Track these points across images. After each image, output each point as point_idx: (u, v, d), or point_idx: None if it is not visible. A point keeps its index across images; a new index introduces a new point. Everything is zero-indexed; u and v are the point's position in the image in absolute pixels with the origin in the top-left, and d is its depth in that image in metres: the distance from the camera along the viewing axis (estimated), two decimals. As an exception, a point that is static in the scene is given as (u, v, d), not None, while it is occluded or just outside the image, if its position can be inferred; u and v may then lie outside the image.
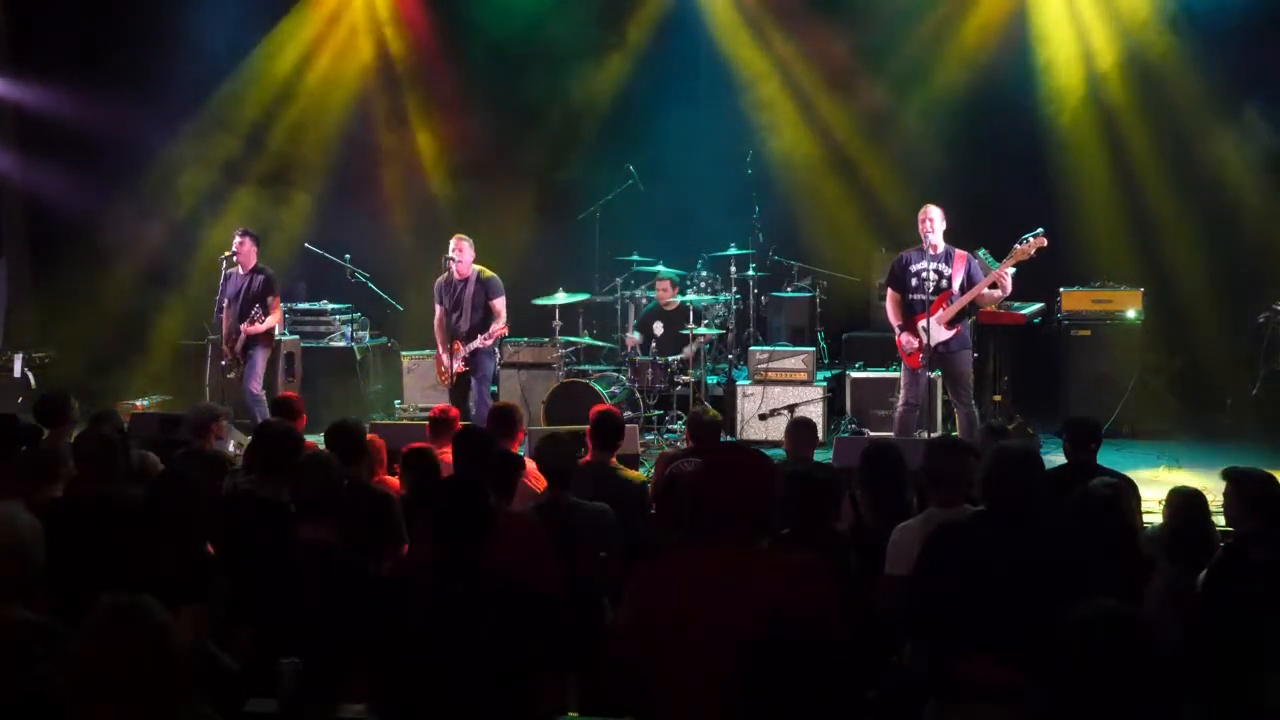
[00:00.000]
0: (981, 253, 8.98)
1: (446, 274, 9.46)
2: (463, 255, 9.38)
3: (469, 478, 4.33)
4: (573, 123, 12.01)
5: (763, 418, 10.22)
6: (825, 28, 11.64)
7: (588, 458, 6.02)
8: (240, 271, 9.75)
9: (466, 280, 9.42)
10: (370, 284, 11.36)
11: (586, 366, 10.71)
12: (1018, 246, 8.45)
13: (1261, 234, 10.71)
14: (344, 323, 11.62)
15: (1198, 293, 10.78)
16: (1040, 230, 8.47)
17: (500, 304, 9.41)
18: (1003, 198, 10.43)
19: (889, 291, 8.83)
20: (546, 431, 5.54)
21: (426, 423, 7.02)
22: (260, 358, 9.74)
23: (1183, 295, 10.74)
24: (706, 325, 10.51)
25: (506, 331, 9.50)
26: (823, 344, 11.32)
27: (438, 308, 9.54)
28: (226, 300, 9.74)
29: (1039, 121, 11.02)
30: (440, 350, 9.52)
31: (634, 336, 10.73)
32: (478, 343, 9.29)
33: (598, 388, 9.92)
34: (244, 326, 9.58)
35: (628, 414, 9.89)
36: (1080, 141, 11.00)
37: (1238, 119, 10.70)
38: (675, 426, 9.97)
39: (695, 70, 11.96)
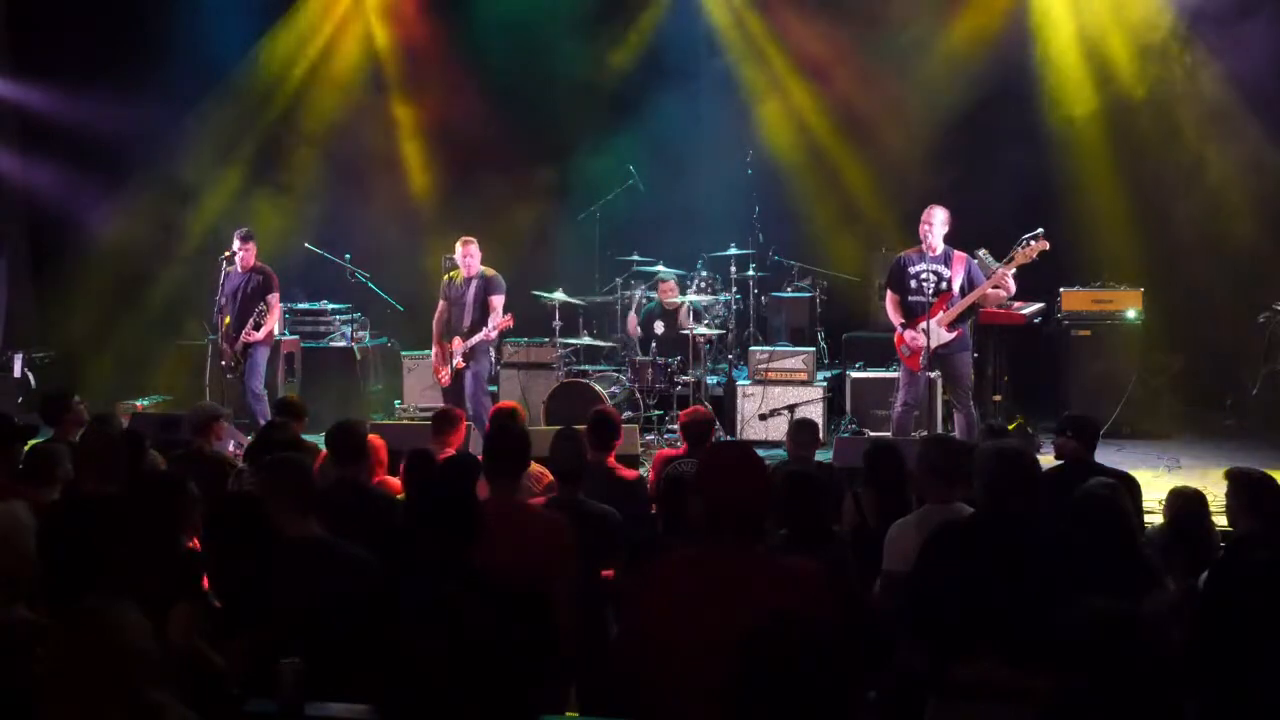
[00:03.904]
0: (981, 252, 8.98)
1: (450, 275, 9.49)
2: (470, 258, 9.40)
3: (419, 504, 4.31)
4: (573, 122, 12.01)
5: (763, 418, 10.22)
6: (827, 25, 11.64)
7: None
8: (239, 271, 9.76)
9: (472, 279, 9.43)
10: (370, 284, 11.37)
11: (586, 366, 10.71)
12: (1019, 249, 8.43)
13: (1261, 234, 10.72)
14: (344, 323, 11.62)
15: (1198, 293, 10.78)
16: (1040, 231, 8.45)
17: (498, 301, 9.41)
18: (1003, 197, 10.43)
19: (888, 293, 8.84)
20: (560, 429, 5.53)
21: (429, 422, 7.00)
22: (261, 357, 9.75)
23: (1183, 295, 10.74)
24: (706, 325, 10.52)
25: (511, 323, 9.48)
26: (823, 344, 11.32)
27: (441, 302, 9.56)
28: (225, 299, 9.75)
29: (1040, 120, 11.01)
30: (435, 342, 9.54)
31: (635, 322, 10.74)
32: (480, 336, 9.29)
33: (598, 388, 9.92)
34: (243, 335, 9.60)
35: (627, 414, 9.89)
36: (1081, 141, 11.00)
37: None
38: (675, 426, 9.96)
39: (696, 70, 11.96)
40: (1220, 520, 5.09)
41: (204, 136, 12.31)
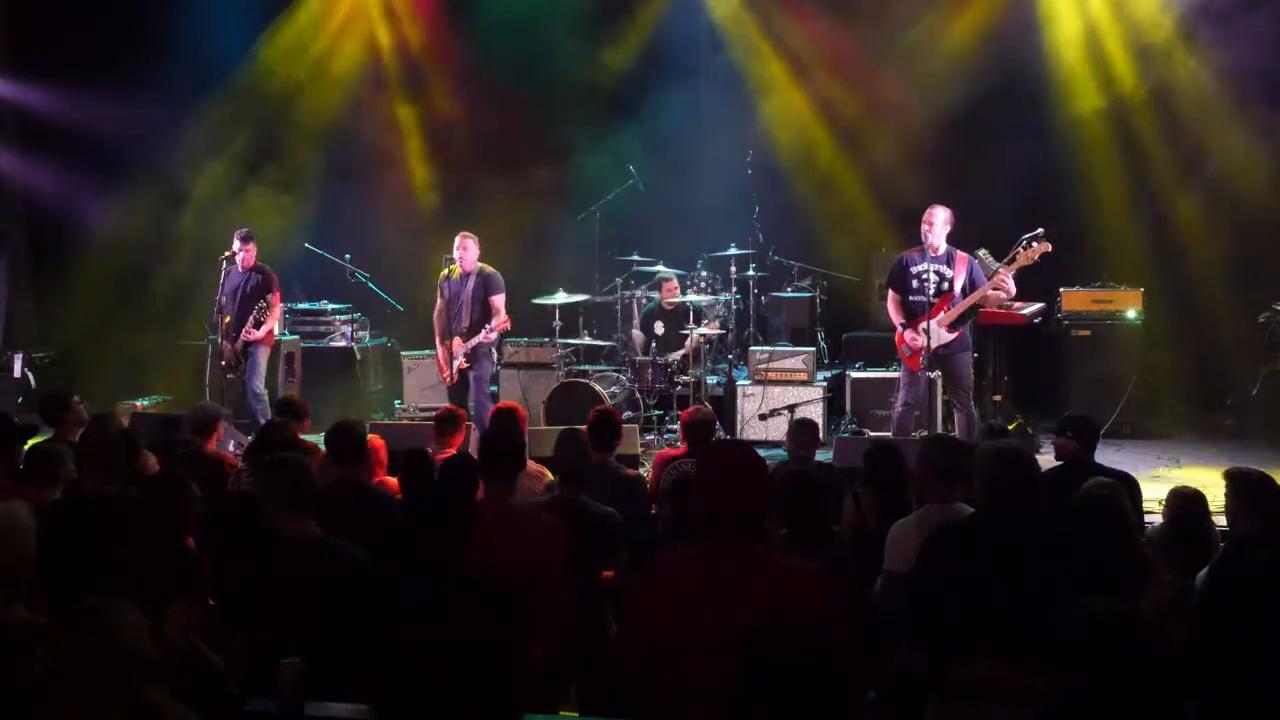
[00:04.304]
0: (982, 252, 8.96)
1: (448, 270, 9.48)
2: (466, 252, 9.39)
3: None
4: (573, 122, 12.02)
5: (763, 418, 10.22)
6: (827, 23, 11.63)
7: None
8: (239, 270, 9.76)
9: (469, 276, 9.43)
10: (370, 284, 11.36)
11: (586, 366, 10.71)
12: (1020, 250, 8.41)
13: (1262, 234, 10.72)
14: (344, 323, 11.62)
15: (1198, 293, 10.78)
16: (1040, 232, 8.44)
17: (499, 300, 9.40)
18: (1003, 196, 10.43)
19: (889, 292, 8.82)
20: (565, 429, 5.54)
21: (432, 422, 7.00)
22: (262, 356, 9.75)
23: (1183, 295, 10.73)
24: (706, 325, 10.51)
25: (509, 324, 9.48)
26: (823, 344, 11.31)
27: (439, 300, 9.55)
28: (225, 299, 9.75)
29: (1041, 119, 11.00)
30: (438, 341, 9.53)
31: (638, 334, 10.75)
32: (480, 337, 9.28)
33: (598, 388, 9.92)
34: (244, 333, 9.60)
35: (627, 414, 9.89)
36: (1082, 140, 10.98)
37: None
38: (675, 426, 9.96)
39: (696, 69, 11.95)
40: (1220, 520, 5.09)
41: (204, 136, 12.30)
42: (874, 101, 11.67)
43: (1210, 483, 5.74)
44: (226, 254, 9.77)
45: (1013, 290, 8.61)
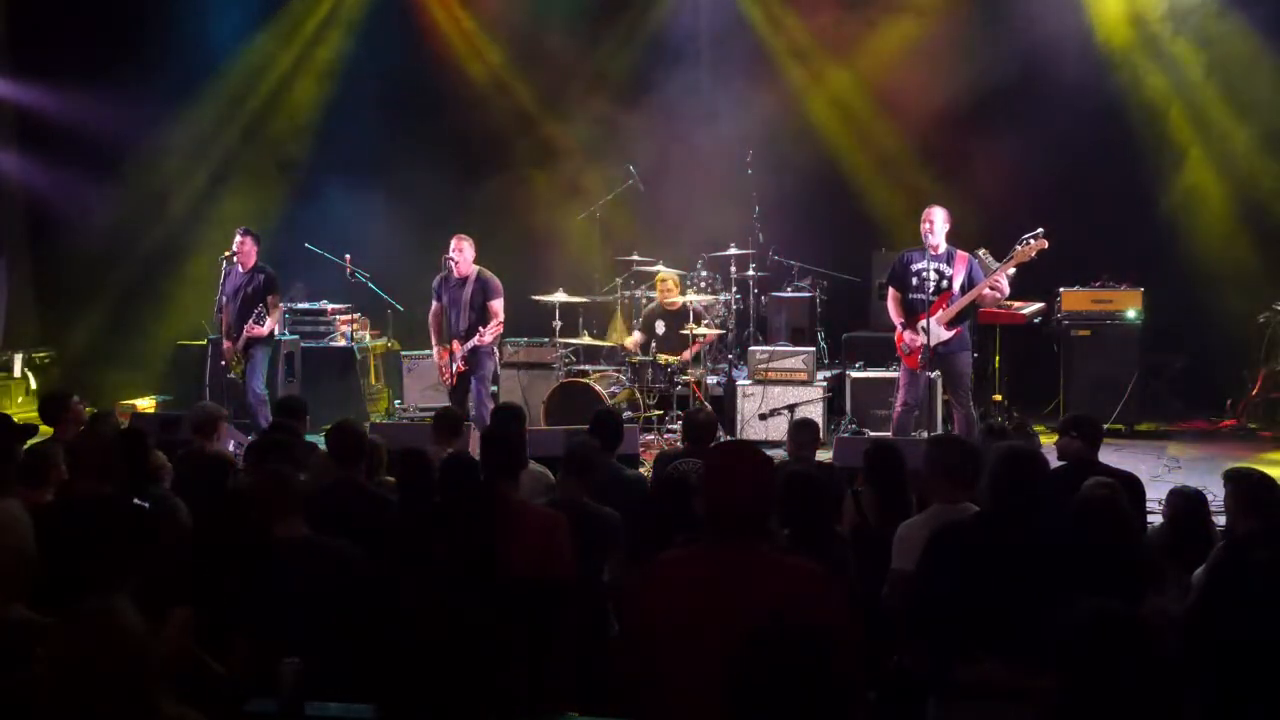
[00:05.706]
0: (981, 252, 8.98)
1: (446, 272, 9.46)
2: (462, 255, 9.38)
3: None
4: (573, 122, 12.01)
5: (763, 418, 10.22)
6: (828, 19, 11.63)
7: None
8: (240, 270, 9.75)
9: (466, 279, 9.41)
10: (370, 284, 11.36)
11: (586, 366, 10.71)
12: (1018, 248, 8.45)
13: (1262, 233, 10.72)
14: (344, 323, 11.61)
15: (1198, 292, 10.78)
16: (1040, 231, 8.47)
17: (497, 305, 9.39)
18: (1004, 195, 10.43)
19: (890, 290, 8.83)
20: (570, 429, 5.55)
21: (429, 422, 6.99)
22: (263, 356, 9.74)
23: (1183, 295, 10.74)
24: (706, 325, 10.50)
25: (501, 330, 9.48)
26: (823, 344, 11.31)
27: (435, 303, 9.54)
28: (225, 299, 9.74)
29: (1039, 121, 11.00)
30: (435, 343, 9.52)
31: (637, 337, 10.74)
32: (474, 341, 9.28)
33: (598, 388, 9.92)
34: (245, 329, 9.59)
35: (627, 414, 9.89)
36: (1080, 141, 10.98)
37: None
38: (675, 426, 9.95)
39: (696, 69, 11.95)
40: (1220, 520, 5.09)
41: (203, 135, 12.31)
42: (874, 101, 11.68)
43: (1210, 483, 5.74)
44: (227, 254, 9.76)
45: (1006, 290, 8.64)
